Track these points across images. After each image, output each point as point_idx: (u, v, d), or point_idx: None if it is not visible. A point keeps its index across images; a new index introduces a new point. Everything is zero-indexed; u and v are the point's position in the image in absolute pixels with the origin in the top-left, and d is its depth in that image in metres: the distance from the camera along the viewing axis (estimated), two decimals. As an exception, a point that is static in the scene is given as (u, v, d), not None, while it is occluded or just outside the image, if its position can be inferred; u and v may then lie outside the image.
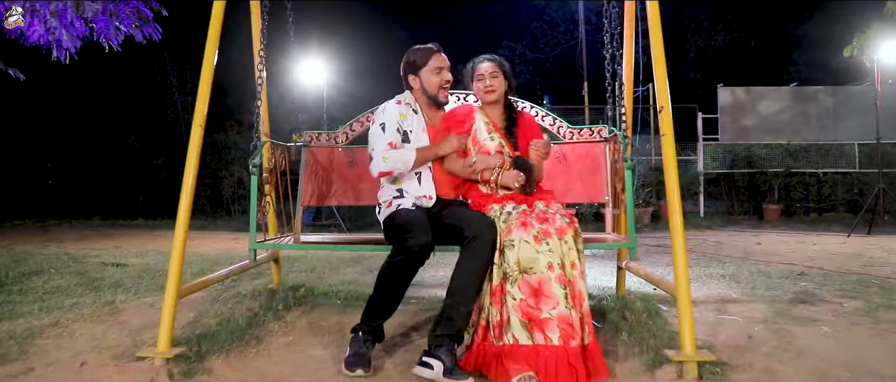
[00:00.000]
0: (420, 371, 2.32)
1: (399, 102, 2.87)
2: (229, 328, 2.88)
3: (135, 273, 4.65)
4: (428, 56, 2.85)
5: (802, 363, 2.46)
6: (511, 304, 2.34)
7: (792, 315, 3.21)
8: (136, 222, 10.03)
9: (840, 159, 10.30)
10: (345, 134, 3.69)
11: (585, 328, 2.34)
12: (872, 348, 2.66)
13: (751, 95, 10.32)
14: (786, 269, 4.80)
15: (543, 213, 2.53)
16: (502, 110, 2.98)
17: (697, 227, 9.07)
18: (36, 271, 4.57)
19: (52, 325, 3.10)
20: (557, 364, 2.21)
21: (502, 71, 2.93)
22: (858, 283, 4.13)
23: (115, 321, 3.22)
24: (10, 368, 2.49)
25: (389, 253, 2.54)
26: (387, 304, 2.57)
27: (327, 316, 3.20)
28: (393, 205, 2.78)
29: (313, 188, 3.64)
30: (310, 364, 2.54)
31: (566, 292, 2.30)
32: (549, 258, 2.34)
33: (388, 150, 2.74)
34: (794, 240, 7.13)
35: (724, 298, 3.71)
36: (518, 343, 2.29)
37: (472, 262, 2.44)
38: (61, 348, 2.76)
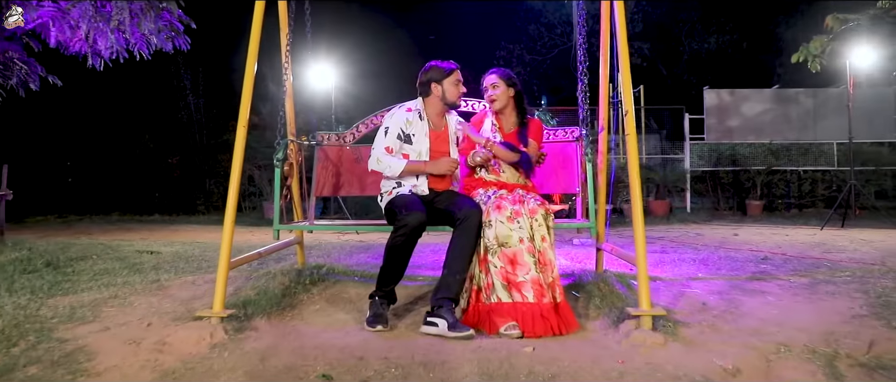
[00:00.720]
0: (427, 329, 2.86)
1: (409, 109, 3.41)
2: (267, 298, 3.41)
3: (169, 258, 5.18)
4: (451, 71, 3.39)
5: (743, 321, 3.01)
6: (494, 271, 2.94)
7: (744, 289, 3.76)
8: (152, 218, 10.59)
9: (819, 157, 10.89)
10: (352, 135, 4.23)
11: (556, 289, 2.93)
12: (804, 311, 3.20)
13: (735, 96, 10.87)
14: (752, 255, 5.35)
15: (521, 197, 3.11)
16: (510, 115, 3.52)
17: (683, 221, 9.61)
18: (80, 257, 5.08)
19: (112, 297, 3.62)
20: (533, 315, 2.82)
21: (503, 82, 3.47)
22: (812, 265, 4.67)
23: (164, 294, 3.74)
24: (89, 327, 3.02)
25: (392, 231, 3.08)
26: (395, 272, 3.12)
27: (347, 290, 3.73)
28: (393, 193, 3.33)
29: (325, 181, 4.19)
30: (337, 324, 3.09)
31: (535, 259, 2.91)
32: (519, 234, 2.96)
33: (384, 153, 3.30)
34: (769, 232, 7.67)
35: (690, 276, 4.26)
36: (501, 301, 2.89)
37: (462, 238, 3.02)
38: (126, 313, 3.28)
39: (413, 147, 3.36)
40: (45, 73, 5.99)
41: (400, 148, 3.35)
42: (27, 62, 5.88)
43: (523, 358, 2.43)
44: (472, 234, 2.99)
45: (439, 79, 3.39)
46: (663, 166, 12.11)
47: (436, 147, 3.41)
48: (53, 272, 4.34)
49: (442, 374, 2.24)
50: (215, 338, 2.76)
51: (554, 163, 3.98)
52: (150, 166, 12.05)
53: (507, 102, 3.49)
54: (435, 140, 3.42)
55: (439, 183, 3.39)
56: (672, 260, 5.07)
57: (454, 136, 3.52)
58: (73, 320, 3.12)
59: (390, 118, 3.40)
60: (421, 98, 3.46)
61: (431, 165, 3.31)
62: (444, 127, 3.50)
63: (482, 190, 3.31)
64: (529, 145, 3.41)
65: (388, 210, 3.31)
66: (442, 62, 3.43)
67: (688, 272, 4.48)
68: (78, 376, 2.42)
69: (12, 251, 5.06)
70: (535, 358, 2.43)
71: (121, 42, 5.42)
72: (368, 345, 2.67)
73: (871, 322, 2.92)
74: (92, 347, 2.72)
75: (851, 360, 2.51)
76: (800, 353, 2.57)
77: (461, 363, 2.35)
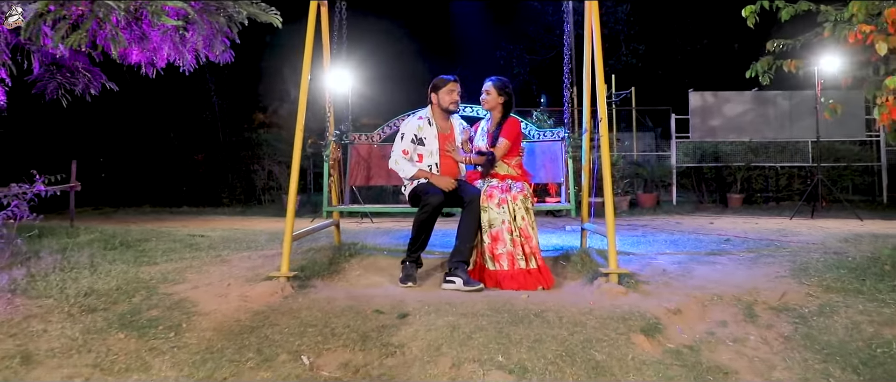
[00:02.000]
0: (447, 285, 3.75)
1: (420, 117, 4.34)
2: (317, 265, 4.29)
3: (217, 241, 6.03)
4: (445, 83, 4.30)
5: (690, 280, 3.89)
6: (484, 246, 3.90)
7: (700, 261, 4.63)
8: (182, 209, 11.50)
9: (795, 154, 11.80)
10: (379, 135, 5.12)
11: (536, 256, 3.84)
12: (740, 275, 4.07)
13: (718, 98, 11.76)
14: (718, 238, 6.22)
15: (508, 186, 4.02)
16: (497, 116, 4.38)
17: (668, 213, 10.49)
18: (143, 239, 5.93)
19: (188, 267, 4.47)
20: (505, 278, 3.80)
21: (495, 90, 4.32)
22: (765, 245, 5.54)
23: (229, 265, 4.59)
24: (182, 286, 3.88)
25: (418, 209, 4.00)
26: (421, 241, 4.02)
27: (379, 261, 4.60)
28: (414, 183, 4.23)
29: (358, 173, 5.08)
30: (375, 284, 3.97)
31: (511, 237, 3.85)
32: (502, 217, 3.90)
33: (401, 156, 4.23)
34: (742, 221, 8.54)
35: (659, 253, 5.13)
36: (487, 268, 3.86)
37: (469, 216, 3.94)
38: (205, 277, 4.13)
39: (426, 148, 4.26)
40: (107, 80, 6.85)
41: (415, 149, 4.25)
42: (90, 71, 6.74)
43: (520, 301, 3.31)
44: (476, 212, 3.91)
45: (438, 89, 4.31)
46: (653, 162, 13.03)
47: (443, 145, 4.32)
48: (130, 250, 5.20)
49: (463, 309, 3.12)
50: (285, 292, 3.63)
51: (544, 158, 4.86)
52: (177, 161, 13.00)
53: (495, 105, 4.34)
54: (443, 140, 4.32)
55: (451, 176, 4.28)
56: (648, 241, 5.96)
57: (459, 136, 4.41)
58: (167, 281, 3.98)
59: (405, 126, 4.32)
60: (428, 106, 4.36)
61: (434, 177, 4.16)
62: (451, 129, 4.40)
63: (480, 180, 4.22)
64: (499, 142, 4.24)
65: (412, 195, 4.19)
66: (443, 76, 4.32)
67: (657, 249, 5.37)
68: (191, 315, 3.29)
69: (87, 234, 5.92)
70: (528, 301, 3.32)
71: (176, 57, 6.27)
72: (405, 295, 3.56)
73: (787, 281, 3.80)
74: (192, 298, 3.59)
75: (765, 305, 3.39)
76: (728, 301, 3.45)
77: (475, 302, 3.24)
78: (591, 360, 2.64)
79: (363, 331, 2.89)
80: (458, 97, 4.34)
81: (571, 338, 2.81)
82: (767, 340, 3.01)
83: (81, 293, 3.54)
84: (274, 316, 3.19)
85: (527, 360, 2.60)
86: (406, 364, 2.59)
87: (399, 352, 2.68)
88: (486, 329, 2.85)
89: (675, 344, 2.91)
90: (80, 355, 2.77)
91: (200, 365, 2.68)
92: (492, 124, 4.36)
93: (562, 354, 2.66)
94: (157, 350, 2.86)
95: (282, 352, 2.75)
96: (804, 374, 2.68)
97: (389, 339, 2.80)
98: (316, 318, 3.10)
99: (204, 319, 3.23)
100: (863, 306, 3.21)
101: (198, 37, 4.55)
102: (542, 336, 2.81)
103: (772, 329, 3.12)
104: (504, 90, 4.33)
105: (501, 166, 4.26)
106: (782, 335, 3.05)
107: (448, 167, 4.31)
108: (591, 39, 4.29)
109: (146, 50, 6.07)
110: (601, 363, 2.63)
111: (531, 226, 3.92)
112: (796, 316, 3.21)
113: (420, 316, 3.04)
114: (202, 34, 4.73)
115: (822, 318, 3.16)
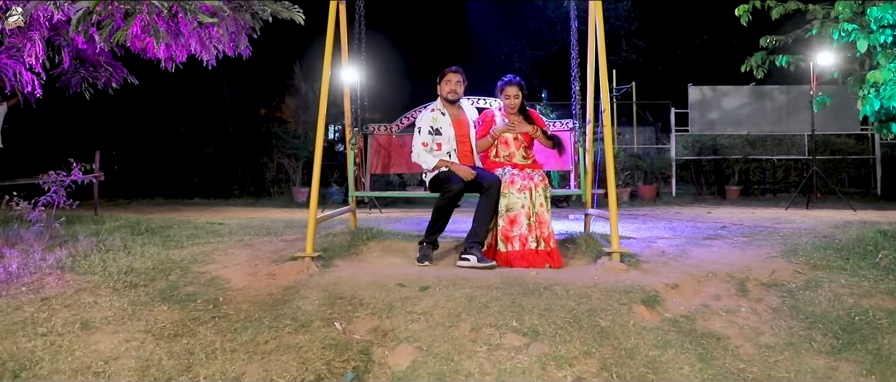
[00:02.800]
0: (461, 263, 4.03)
1: (433, 109, 4.62)
2: (337, 248, 4.56)
3: (236, 228, 6.30)
4: (443, 76, 4.62)
5: (687, 260, 4.17)
6: (499, 229, 4.17)
7: (697, 244, 4.92)
8: (194, 201, 11.80)
9: (792, 147, 12.10)
10: (397, 126, 5.39)
11: (550, 240, 4.10)
12: (734, 256, 4.35)
13: (716, 92, 12.04)
14: (714, 224, 6.50)
15: (529, 175, 4.27)
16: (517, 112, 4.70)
17: (668, 204, 10.79)
18: (166, 226, 6.20)
19: (214, 250, 4.74)
20: (515, 257, 4.08)
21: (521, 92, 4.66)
22: (758, 231, 5.82)
23: (252, 249, 4.86)
24: (212, 266, 4.15)
25: (439, 195, 4.28)
26: (439, 225, 4.30)
27: (395, 245, 4.88)
28: (435, 171, 4.49)
29: (378, 162, 5.35)
30: (394, 264, 4.25)
31: (528, 221, 4.12)
32: (523, 202, 4.16)
33: (422, 149, 4.50)
34: (739, 211, 8.81)
35: (657, 237, 5.42)
36: (500, 251, 4.13)
37: (487, 201, 4.20)
38: (232, 259, 4.40)
39: (443, 136, 4.53)
40: (129, 74, 7.10)
41: (433, 140, 4.53)
42: (112, 65, 7.00)
43: (530, 277, 3.60)
44: (493, 197, 4.17)
45: (439, 81, 4.64)
46: (653, 155, 13.32)
47: (459, 131, 4.60)
48: (156, 235, 5.47)
49: (478, 283, 3.40)
50: (311, 271, 3.90)
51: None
52: (189, 154, 13.30)
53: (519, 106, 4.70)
54: (458, 127, 4.60)
55: (464, 161, 4.57)
56: (648, 228, 6.24)
57: (471, 121, 4.72)
58: (198, 262, 4.25)
59: (421, 120, 4.60)
60: (439, 99, 4.65)
61: (455, 167, 4.41)
62: (463, 116, 4.70)
63: (500, 169, 4.49)
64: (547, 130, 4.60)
65: (433, 181, 4.47)
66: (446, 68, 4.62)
67: (655, 234, 5.65)
68: (226, 290, 3.57)
69: (112, 221, 6.20)
70: (538, 277, 3.60)
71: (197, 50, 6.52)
72: (423, 272, 3.84)
73: (778, 260, 4.08)
74: (223, 276, 3.87)
75: (757, 281, 3.67)
76: (722, 278, 3.72)
77: (490, 278, 3.53)
78: (597, 326, 2.92)
79: (388, 301, 3.17)
80: (456, 86, 4.61)
81: (578, 308, 3.09)
82: (757, 311, 3.29)
83: (122, 271, 3.82)
84: (303, 290, 3.46)
85: (538, 325, 2.88)
86: (430, 328, 2.87)
87: (423, 319, 2.97)
88: (500, 300, 3.13)
89: (672, 314, 3.19)
90: (132, 322, 3.05)
91: (242, 331, 2.96)
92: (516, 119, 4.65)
93: (570, 320, 2.94)
94: (199, 319, 3.14)
95: (316, 319, 3.03)
96: (789, 339, 2.96)
97: (413, 308, 3.08)
98: (343, 291, 3.38)
99: (238, 293, 3.51)
100: (845, 280, 3.50)
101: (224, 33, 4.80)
102: (551, 305, 3.09)
103: (761, 302, 3.39)
104: (523, 88, 4.68)
105: (520, 157, 4.56)
106: (771, 306, 3.33)
107: (464, 152, 4.59)
108: (595, 38, 4.56)
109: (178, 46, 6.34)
110: (605, 328, 2.91)
111: (548, 212, 4.20)
112: (784, 291, 3.49)
113: (440, 289, 3.32)
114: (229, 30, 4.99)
115: (807, 292, 3.44)
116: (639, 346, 2.79)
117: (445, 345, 2.73)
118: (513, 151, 4.62)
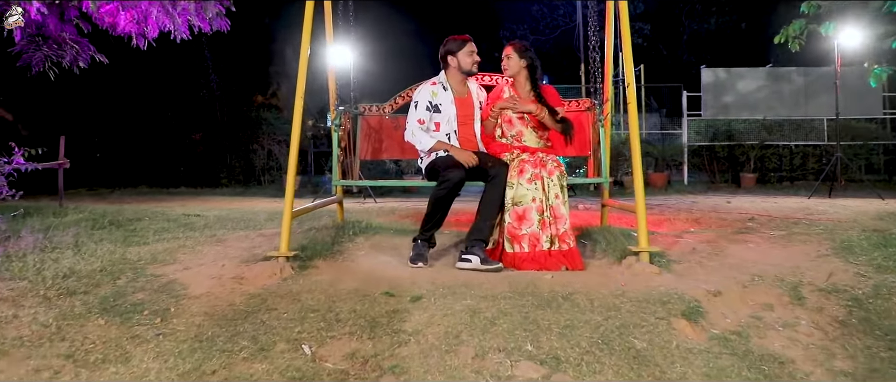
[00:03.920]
0: (462, 264, 3.42)
1: (434, 83, 3.97)
2: (319, 245, 3.96)
3: (213, 220, 5.71)
4: (464, 43, 3.92)
5: (725, 260, 3.57)
6: (505, 227, 3.54)
7: (730, 239, 4.31)
8: (179, 190, 11.20)
9: (810, 132, 11.45)
10: (390, 106, 4.76)
11: (568, 238, 3.49)
12: (778, 254, 3.76)
13: (731, 75, 11.39)
14: (740, 216, 5.90)
15: (541, 160, 3.65)
16: (524, 84, 3.96)
17: (681, 192, 10.18)
18: (136, 218, 5.61)
19: (181, 247, 4.16)
20: (524, 260, 3.45)
21: (516, 53, 3.91)
22: (792, 223, 5.22)
23: (224, 245, 4.28)
24: (173, 267, 3.57)
25: (436, 185, 3.64)
26: (436, 220, 3.68)
27: (386, 241, 4.29)
28: (432, 155, 3.86)
29: (368, 146, 4.74)
30: (383, 263, 3.65)
31: (540, 217, 3.48)
32: (533, 194, 3.51)
33: (417, 127, 3.84)
34: (760, 200, 8.22)
35: (684, 232, 4.82)
36: (506, 252, 3.51)
37: (493, 191, 3.59)
38: (198, 258, 3.82)
39: (442, 115, 3.90)
40: (96, 52, 6.47)
41: (431, 118, 3.89)
42: (78, 42, 6.36)
43: (545, 282, 3.00)
44: (501, 186, 3.55)
45: (455, 51, 3.92)
46: (662, 141, 12.68)
47: (462, 111, 3.95)
48: (120, 230, 4.88)
49: (482, 291, 2.80)
50: (284, 273, 3.32)
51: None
52: (174, 141, 12.65)
53: (518, 70, 3.92)
54: (461, 106, 3.95)
55: (471, 148, 3.91)
56: (668, 220, 5.64)
57: (477, 100, 4.04)
58: (156, 262, 3.67)
59: (419, 94, 3.95)
60: (443, 71, 4.00)
61: (455, 150, 3.77)
62: (468, 93, 4.03)
63: (508, 154, 3.85)
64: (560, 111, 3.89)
65: (430, 169, 3.84)
66: (456, 36, 3.95)
67: (681, 227, 5.06)
68: (180, 299, 2.98)
69: (75, 213, 5.61)
70: (554, 282, 3.00)
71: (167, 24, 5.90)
72: (416, 275, 3.24)
73: (832, 260, 3.48)
74: (182, 280, 3.28)
75: (812, 286, 3.07)
76: (771, 281, 3.13)
77: (496, 284, 2.92)
78: (631, 348, 2.33)
79: (371, 317, 2.58)
80: (478, 57, 3.96)
81: (606, 323, 2.49)
82: (820, 325, 2.70)
83: (60, 275, 3.23)
84: (272, 300, 2.88)
85: (559, 349, 2.29)
86: (422, 353, 2.27)
87: (413, 340, 2.37)
88: (510, 314, 2.53)
89: (720, 330, 2.60)
90: (53, 344, 2.46)
91: (187, 356, 2.37)
92: (523, 92, 3.95)
93: (597, 341, 2.35)
94: (140, 337, 2.55)
95: (280, 341, 2.43)
96: (870, 363, 2.37)
97: (401, 325, 2.49)
98: (318, 301, 2.79)
99: (194, 302, 2.92)
100: (925, 287, 2.90)
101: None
102: (573, 321, 2.50)
103: (823, 313, 2.81)
104: (525, 53, 3.92)
105: (531, 138, 3.92)
106: (836, 319, 2.74)
107: (467, 135, 3.95)
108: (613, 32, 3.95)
109: (133, 14, 5.70)
110: (642, 351, 2.32)
111: (564, 204, 3.56)
112: (849, 298, 2.90)
113: (435, 299, 2.73)
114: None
115: (878, 300, 2.84)
116: (687, 376, 2.20)
117: (441, 378, 2.13)
118: (520, 129, 3.93)
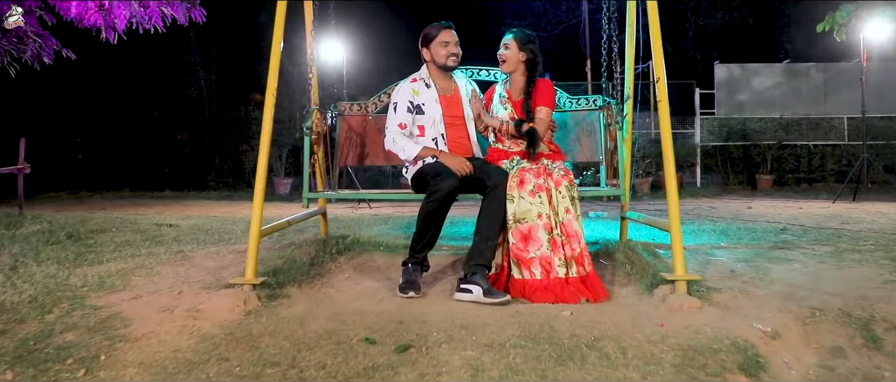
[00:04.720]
0: (461, 296, 2.85)
1: (414, 79, 3.39)
2: (295, 267, 3.41)
3: (187, 231, 5.18)
4: (437, 32, 3.33)
5: (772, 287, 3.01)
6: (510, 247, 2.97)
7: (770, 257, 3.76)
8: (164, 194, 10.63)
9: (829, 131, 10.86)
10: (374, 105, 4.19)
11: (585, 260, 2.91)
12: (832, 277, 3.20)
13: (746, 71, 10.82)
14: (770, 226, 5.35)
15: (545, 167, 3.08)
16: (519, 80, 3.38)
17: (694, 195, 9.61)
18: (100, 229, 5.08)
19: (138, 267, 3.62)
20: (537, 289, 2.85)
21: (516, 44, 3.32)
22: (832, 235, 4.67)
23: (189, 264, 3.74)
24: (121, 295, 3.02)
25: (425, 197, 3.05)
26: (428, 238, 3.10)
27: (374, 259, 3.74)
28: (418, 163, 3.27)
29: (349, 151, 4.16)
30: (368, 292, 3.09)
31: (549, 236, 2.91)
32: (538, 209, 2.94)
33: (398, 132, 3.27)
34: (782, 205, 7.68)
35: (713, 246, 4.26)
36: (513, 277, 2.95)
37: (493, 205, 3.00)
38: (155, 282, 3.28)
39: (426, 117, 3.33)
40: (60, 46, 5.94)
41: (413, 121, 3.32)
42: (41, 35, 5.82)
43: (563, 322, 2.43)
44: (502, 200, 2.98)
45: (427, 44, 3.36)
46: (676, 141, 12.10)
47: (448, 111, 3.37)
48: (76, 244, 4.34)
49: (485, 337, 2.24)
50: (249, 305, 2.76)
51: (579, 133, 3.96)
52: (160, 142, 12.09)
53: (516, 65, 3.34)
54: (447, 105, 3.37)
55: (461, 154, 3.32)
56: (691, 231, 5.08)
57: (466, 97, 3.47)
58: (103, 288, 3.13)
59: (397, 94, 3.38)
60: (423, 66, 3.44)
61: (445, 156, 3.20)
62: (455, 89, 3.45)
63: (506, 161, 3.27)
64: (538, 111, 3.27)
65: (417, 178, 3.27)
66: (433, 23, 3.37)
67: (710, 242, 4.49)
68: (116, 342, 2.42)
69: (32, 223, 5.07)
70: (574, 322, 2.44)
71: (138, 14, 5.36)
72: (405, 310, 2.67)
73: (902, 287, 2.93)
74: (126, 314, 2.72)
75: (888, 324, 2.51)
76: (835, 317, 2.56)
77: (503, 326, 2.35)
78: (683, 423, 1.77)
79: (345, 376, 2.01)
80: (456, 48, 3.34)
81: (647, 385, 1.93)
82: (910, 377, 2.14)
83: (-23, 310, 2.67)
84: (225, 346, 2.32)
85: (589, 427, 1.72)
86: (407, 435, 1.71)
87: (397, 412, 1.81)
88: (522, 372, 1.97)
89: (789, 389, 2.04)
90: (-68, 413, 1.90)
91: (104, 430, 1.81)
92: (516, 89, 3.42)
93: (638, 414, 1.79)
94: (52, 400, 1.99)
95: (225, 410, 1.87)
96: None
97: (383, 389, 1.93)
98: (281, 350, 2.23)
99: (131, 348, 2.36)
100: None
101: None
102: (604, 381, 1.94)
103: (910, 361, 2.25)
104: (526, 45, 3.32)
105: None
106: (927, 368, 2.18)
107: (457, 140, 3.37)
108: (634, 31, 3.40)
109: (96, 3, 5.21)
110: (697, 427, 1.76)
111: (577, 220, 2.99)
112: (938, 340, 2.34)
113: (427, 349, 2.17)
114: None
115: (978, 344, 2.29)
116: (762, 467, 1.64)
117: None
118: None
